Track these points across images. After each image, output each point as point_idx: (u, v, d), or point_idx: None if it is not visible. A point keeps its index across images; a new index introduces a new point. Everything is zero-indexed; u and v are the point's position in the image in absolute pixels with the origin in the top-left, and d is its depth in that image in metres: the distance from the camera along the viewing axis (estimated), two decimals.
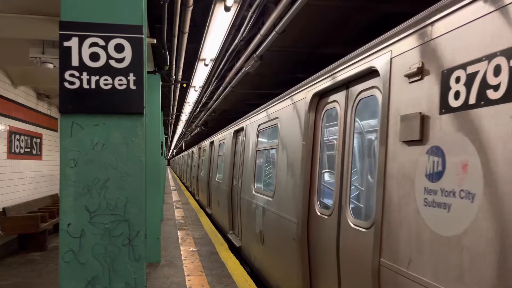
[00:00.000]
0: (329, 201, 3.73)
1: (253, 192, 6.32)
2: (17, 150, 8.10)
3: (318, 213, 3.81)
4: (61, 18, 2.26)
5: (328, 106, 3.82)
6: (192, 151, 21.65)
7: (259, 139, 6.47)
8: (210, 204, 12.36)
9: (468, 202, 1.92)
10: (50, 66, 5.63)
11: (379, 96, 2.90)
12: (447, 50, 2.16)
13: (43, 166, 9.71)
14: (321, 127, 3.95)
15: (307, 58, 8.30)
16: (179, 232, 9.52)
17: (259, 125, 6.35)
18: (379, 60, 2.79)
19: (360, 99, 3.23)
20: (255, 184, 6.45)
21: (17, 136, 8.13)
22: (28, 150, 8.72)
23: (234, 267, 6.50)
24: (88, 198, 2.26)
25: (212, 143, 12.86)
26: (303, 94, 4.27)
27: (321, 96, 4.00)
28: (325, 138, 3.95)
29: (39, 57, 5.40)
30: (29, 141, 8.78)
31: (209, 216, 12.39)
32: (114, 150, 2.31)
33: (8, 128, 7.71)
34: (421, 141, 2.28)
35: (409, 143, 2.39)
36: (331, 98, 3.75)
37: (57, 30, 2.27)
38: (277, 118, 5.25)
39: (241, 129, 8.00)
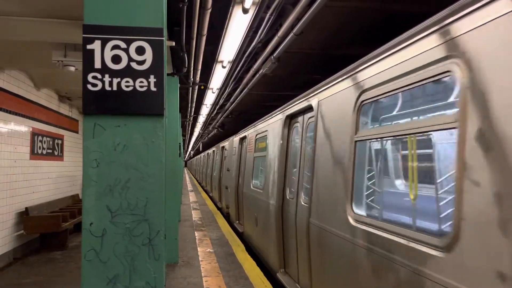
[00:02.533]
0: None
1: None
2: (39, 151, 8.29)
3: None
4: (85, 22, 2.30)
5: None
6: (223, 147, 14.64)
7: None
8: (290, 265, 5.47)
9: None
10: (72, 69, 5.74)
11: None
12: None
13: (64, 167, 9.91)
14: None
15: (324, 59, 8.25)
16: (196, 233, 9.58)
17: None
18: None
19: None
20: None
21: (40, 138, 8.32)
22: (50, 151, 8.91)
23: (251, 269, 6.51)
24: (109, 198, 2.28)
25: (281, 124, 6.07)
26: None
27: None
28: None
29: (62, 60, 5.52)
30: (51, 142, 8.98)
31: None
32: (135, 151, 2.33)
33: (31, 129, 7.90)
34: None
35: None
36: None
37: (79, 33, 2.32)
38: None
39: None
